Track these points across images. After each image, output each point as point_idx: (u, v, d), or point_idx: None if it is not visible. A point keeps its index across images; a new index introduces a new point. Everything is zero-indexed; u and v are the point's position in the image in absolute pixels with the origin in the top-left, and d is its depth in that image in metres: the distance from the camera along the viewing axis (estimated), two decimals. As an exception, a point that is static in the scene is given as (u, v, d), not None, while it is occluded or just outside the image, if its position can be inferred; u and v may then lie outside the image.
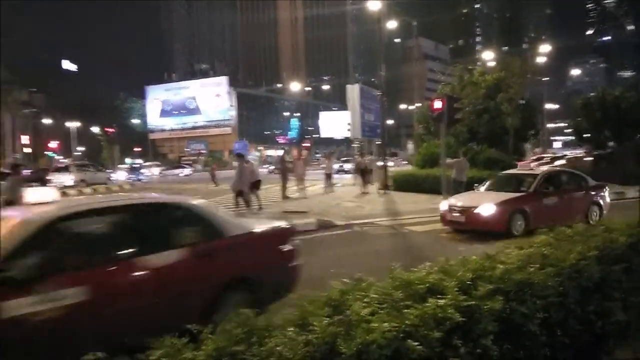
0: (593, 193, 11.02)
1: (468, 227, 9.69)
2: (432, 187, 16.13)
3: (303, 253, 8.55)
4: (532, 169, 11.44)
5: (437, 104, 13.77)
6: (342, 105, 78.91)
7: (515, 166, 14.37)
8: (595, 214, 10.66)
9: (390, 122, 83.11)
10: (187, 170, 52.86)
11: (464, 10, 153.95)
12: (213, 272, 4.46)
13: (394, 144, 79.41)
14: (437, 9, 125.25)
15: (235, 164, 15.10)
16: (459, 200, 10.38)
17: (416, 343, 2.18)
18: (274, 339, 2.09)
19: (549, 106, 45.39)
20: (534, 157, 27.65)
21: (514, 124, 24.40)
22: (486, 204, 9.55)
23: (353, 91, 22.95)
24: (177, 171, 52.34)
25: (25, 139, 52.99)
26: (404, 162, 44.77)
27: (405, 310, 2.37)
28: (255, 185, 14.13)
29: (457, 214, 9.82)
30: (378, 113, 24.02)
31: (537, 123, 32.05)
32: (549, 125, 64.43)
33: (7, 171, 15.17)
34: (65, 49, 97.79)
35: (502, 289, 2.82)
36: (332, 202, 15.98)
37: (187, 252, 4.30)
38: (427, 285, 2.73)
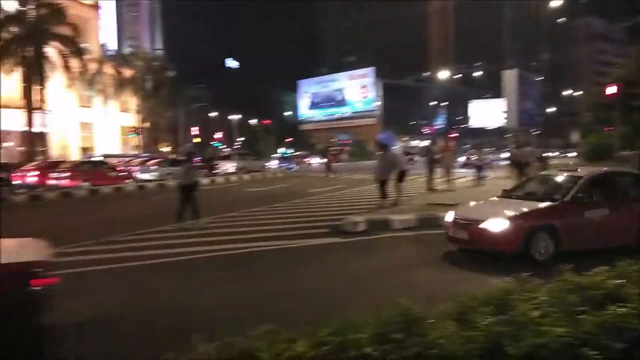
0: None
1: (472, 247, 7.56)
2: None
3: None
4: (575, 170, 8.70)
5: (611, 89, 12.24)
6: (495, 93, 74.59)
7: None
8: None
9: (552, 110, 76.23)
10: (319, 160, 53.13)
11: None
12: None
13: (556, 133, 72.65)
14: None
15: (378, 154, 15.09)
16: (465, 210, 8.34)
17: (594, 352, 2.00)
18: (435, 331, 2.08)
19: None
20: None
21: None
22: (495, 218, 7.29)
23: (509, 77, 21.40)
24: (311, 160, 53.32)
25: (195, 130, 59.72)
26: (570, 154, 40.80)
27: (580, 316, 2.19)
28: (400, 176, 14.02)
29: (460, 229, 7.63)
30: (537, 100, 22.14)
31: None
32: None
33: (182, 158, 17.29)
34: (228, 49, 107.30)
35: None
36: (483, 196, 15.18)
37: None
38: (605, 291, 2.48)
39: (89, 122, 42.94)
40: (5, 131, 34.22)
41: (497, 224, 7.20)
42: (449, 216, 8.12)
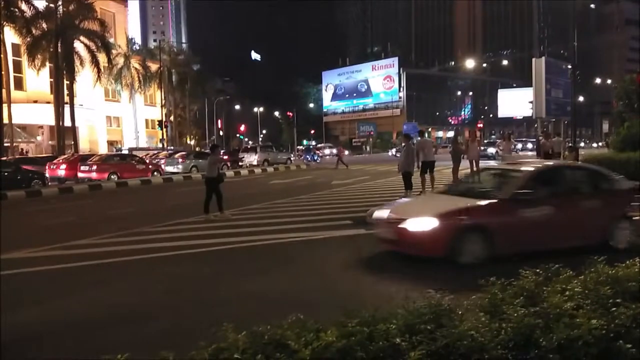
0: (622, 201, 7.17)
1: (399, 249, 6.76)
2: (634, 174, 13.94)
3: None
4: (519, 163, 7.88)
5: (645, 77, 11.82)
6: (523, 81, 73.17)
7: None
8: (626, 233, 6.86)
9: (582, 98, 74.29)
10: (331, 151, 52.07)
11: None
12: None
13: (587, 123, 70.78)
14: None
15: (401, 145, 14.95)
16: (397, 207, 7.61)
17: (628, 345, 1.95)
18: (465, 323, 2.06)
19: None
20: None
21: None
22: (420, 216, 6.50)
23: (538, 65, 20.88)
24: (328, 152, 52.79)
25: (219, 123, 60.32)
26: (595, 144, 39.81)
27: (614, 309, 2.15)
28: (428, 167, 13.88)
29: (388, 228, 6.83)
30: (568, 89, 21.59)
31: None
32: None
33: (207, 151, 17.56)
34: (251, 41, 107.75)
35: None
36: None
37: None
38: (640, 283, 2.42)
39: (116, 115, 43.79)
40: (37, 125, 35.21)
41: (420, 223, 6.39)
42: (382, 212, 7.26)
